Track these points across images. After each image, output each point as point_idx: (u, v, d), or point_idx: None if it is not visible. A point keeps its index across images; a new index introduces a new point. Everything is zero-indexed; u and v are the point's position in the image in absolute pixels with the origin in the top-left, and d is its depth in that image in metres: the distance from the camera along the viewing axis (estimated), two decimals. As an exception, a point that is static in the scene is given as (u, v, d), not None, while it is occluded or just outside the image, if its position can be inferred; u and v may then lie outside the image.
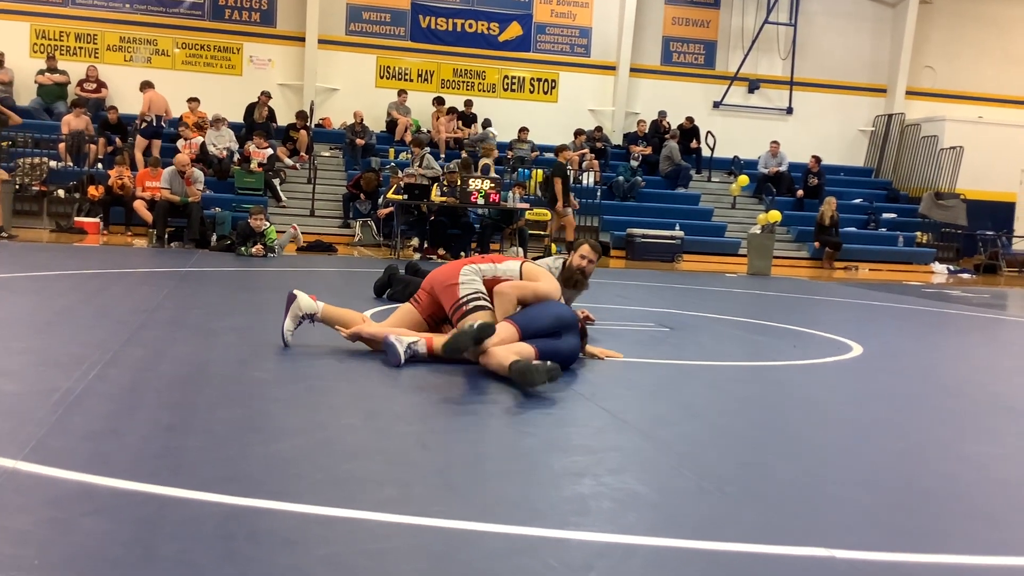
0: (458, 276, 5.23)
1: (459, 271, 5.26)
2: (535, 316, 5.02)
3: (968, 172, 20.37)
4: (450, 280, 5.23)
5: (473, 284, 5.19)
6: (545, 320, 5.00)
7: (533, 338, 4.90)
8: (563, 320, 5.06)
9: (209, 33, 19.44)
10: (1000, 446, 4.09)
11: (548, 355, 4.79)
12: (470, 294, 5.14)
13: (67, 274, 8.79)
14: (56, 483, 2.75)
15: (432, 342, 4.99)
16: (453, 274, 5.26)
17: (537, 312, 5.06)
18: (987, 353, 7.74)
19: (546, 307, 5.11)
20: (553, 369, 4.34)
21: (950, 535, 2.85)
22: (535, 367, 4.30)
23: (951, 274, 18.52)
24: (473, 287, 5.17)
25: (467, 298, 5.13)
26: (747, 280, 14.03)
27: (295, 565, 2.26)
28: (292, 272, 10.64)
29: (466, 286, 5.17)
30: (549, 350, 4.85)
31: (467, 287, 5.17)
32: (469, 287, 5.17)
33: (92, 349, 4.80)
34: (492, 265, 5.34)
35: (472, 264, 5.34)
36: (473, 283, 5.19)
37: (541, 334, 4.94)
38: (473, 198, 13.83)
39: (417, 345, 4.96)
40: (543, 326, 4.97)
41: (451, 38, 20.44)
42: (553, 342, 4.94)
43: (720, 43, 21.84)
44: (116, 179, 14.51)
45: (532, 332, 4.93)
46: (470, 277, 5.21)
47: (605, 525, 2.67)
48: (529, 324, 4.95)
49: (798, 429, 4.25)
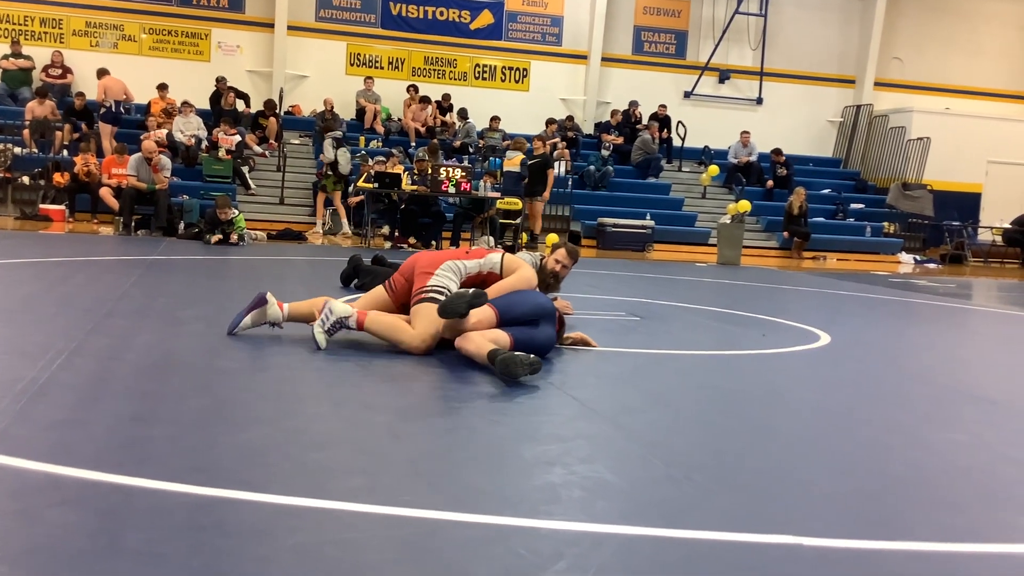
0: (436, 267, 5.18)
1: (441, 263, 5.22)
2: (515, 302, 5.02)
3: (935, 163, 20.58)
4: (429, 268, 5.19)
5: (445, 279, 5.13)
6: (525, 307, 5.00)
7: (511, 324, 4.90)
8: (542, 309, 5.06)
9: (177, 18, 19.20)
10: (965, 433, 4.14)
11: (524, 343, 4.79)
12: (435, 286, 5.08)
13: (32, 262, 8.67)
14: (20, 474, 2.71)
15: (364, 317, 4.95)
16: (434, 263, 5.22)
17: (518, 298, 5.06)
18: (952, 342, 7.84)
19: (527, 295, 5.12)
20: (536, 363, 4.33)
21: (916, 522, 2.88)
22: (518, 359, 4.29)
23: (918, 264, 18.72)
24: (443, 282, 5.11)
25: (430, 288, 5.07)
26: (717, 269, 14.10)
27: (264, 555, 2.24)
28: (261, 260, 10.56)
29: (437, 278, 5.12)
30: (525, 338, 4.86)
31: (438, 279, 5.12)
32: (439, 280, 5.12)
33: (57, 338, 4.74)
34: (477, 262, 5.31)
35: (458, 261, 5.28)
36: (446, 278, 5.13)
37: (519, 321, 4.94)
38: (444, 187, 13.78)
39: (349, 320, 4.91)
40: (522, 313, 4.97)
41: (422, 26, 20.34)
42: (530, 331, 4.94)
43: (691, 33, 21.89)
44: (82, 166, 14.32)
45: (511, 318, 4.92)
46: (446, 274, 5.16)
47: (575, 514, 2.67)
48: (509, 309, 4.95)
49: (766, 417, 4.28)
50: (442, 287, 5.07)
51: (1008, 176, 21.71)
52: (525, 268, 5.33)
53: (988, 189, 21.92)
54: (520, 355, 4.33)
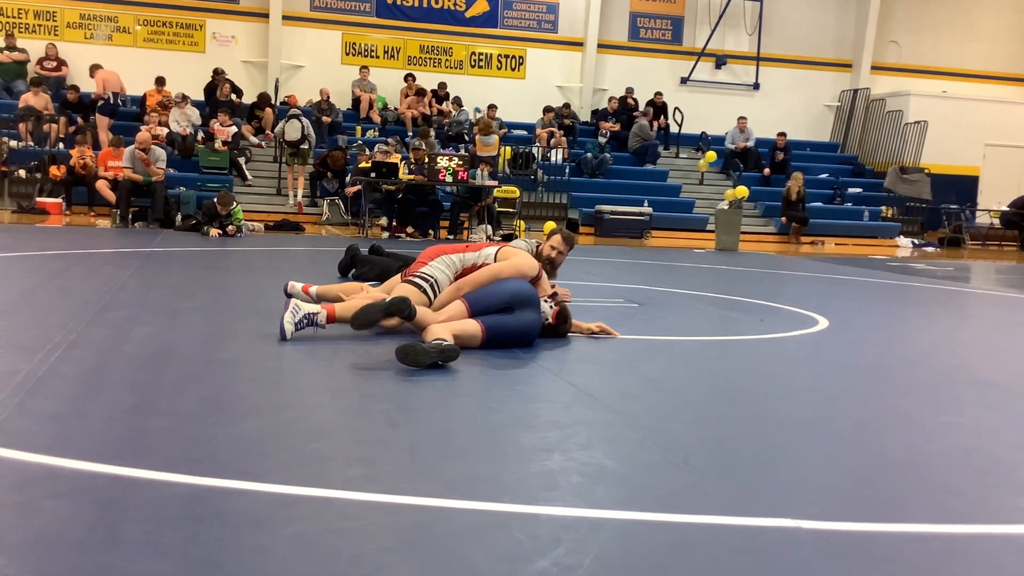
0: (432, 259, 5.36)
1: (440, 255, 5.38)
2: (488, 293, 5.05)
3: (932, 146, 20.57)
4: (425, 259, 5.38)
5: (435, 269, 5.29)
6: (498, 296, 5.01)
7: (484, 314, 4.91)
8: (519, 296, 5.05)
9: (171, 10, 19.13)
10: (961, 416, 4.15)
11: (497, 331, 4.87)
12: (423, 274, 5.27)
13: (29, 255, 8.66)
14: (19, 466, 2.71)
15: (334, 310, 4.98)
16: (434, 254, 5.39)
17: (492, 289, 5.08)
18: (951, 325, 7.84)
19: (502, 284, 5.12)
20: (448, 350, 4.33)
21: (913, 505, 2.88)
22: (421, 348, 4.28)
23: (916, 247, 18.72)
24: (432, 271, 5.27)
25: (418, 274, 5.28)
26: (715, 255, 14.10)
27: (262, 545, 2.25)
28: (258, 252, 10.55)
29: (430, 267, 5.31)
30: (498, 325, 4.89)
31: (430, 268, 5.30)
32: (431, 269, 5.29)
33: (55, 331, 4.73)
34: (476, 253, 5.43)
35: (456, 254, 5.40)
36: (437, 269, 5.30)
37: (492, 310, 4.95)
38: (441, 176, 13.76)
39: (317, 317, 4.93)
40: (495, 302, 4.99)
41: (417, 14, 20.27)
42: (503, 318, 4.95)
43: (687, 19, 21.82)
44: (78, 159, 14.27)
45: (482, 308, 4.95)
46: (439, 266, 5.32)
47: (573, 500, 2.68)
48: (480, 300, 4.99)
49: (764, 402, 4.28)
50: (429, 275, 5.26)
51: (1005, 159, 21.70)
52: (516, 257, 5.35)
53: (986, 172, 21.91)
54: (426, 344, 4.33)
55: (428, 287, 5.21)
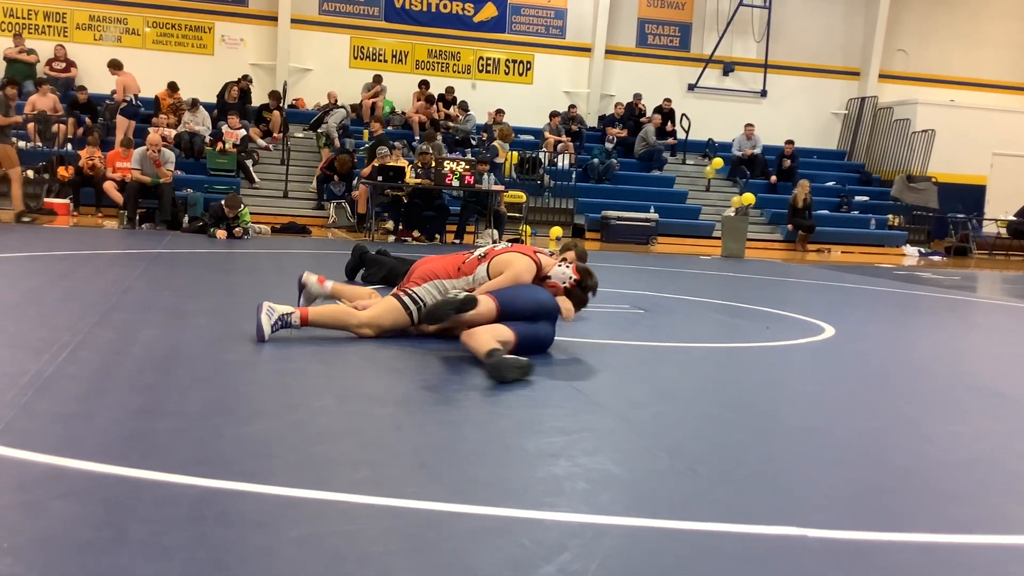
0: (424, 280, 5.29)
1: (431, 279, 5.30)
2: (517, 295, 5.02)
3: (939, 155, 20.53)
4: (419, 280, 5.31)
5: (426, 293, 5.23)
6: (526, 303, 4.99)
7: (513, 319, 4.89)
8: (543, 307, 5.05)
9: (180, 12, 19.18)
10: (967, 425, 4.14)
11: (528, 340, 4.82)
12: (414, 294, 5.22)
13: (36, 255, 8.68)
14: (26, 466, 2.72)
15: (307, 313, 4.99)
16: (426, 275, 5.32)
17: (521, 292, 5.05)
18: (956, 334, 7.83)
19: (529, 291, 5.11)
20: (529, 366, 4.33)
21: (920, 513, 2.88)
22: (509, 363, 4.28)
23: (922, 256, 18.67)
24: (423, 294, 5.22)
25: (410, 293, 5.23)
26: (721, 262, 14.09)
27: (267, 547, 2.25)
28: (265, 254, 10.57)
29: (423, 289, 5.25)
30: (529, 335, 4.87)
31: (422, 290, 5.25)
32: (422, 291, 5.24)
33: (62, 331, 4.74)
34: (467, 279, 5.36)
35: (447, 280, 5.32)
36: (427, 293, 5.24)
37: (520, 316, 4.93)
38: (448, 180, 13.77)
39: (291, 317, 4.93)
40: (523, 308, 4.96)
41: (425, 19, 20.30)
42: (532, 326, 4.93)
43: (695, 25, 21.83)
44: (87, 160, 14.31)
45: (512, 312, 4.92)
46: (431, 290, 5.26)
47: (579, 505, 2.68)
48: (510, 303, 4.94)
49: (770, 410, 4.28)
50: (420, 298, 5.21)
51: (1013, 168, 21.65)
52: (511, 268, 5.28)
53: (993, 181, 21.86)
54: (511, 358, 4.33)
55: (415, 309, 5.18)
